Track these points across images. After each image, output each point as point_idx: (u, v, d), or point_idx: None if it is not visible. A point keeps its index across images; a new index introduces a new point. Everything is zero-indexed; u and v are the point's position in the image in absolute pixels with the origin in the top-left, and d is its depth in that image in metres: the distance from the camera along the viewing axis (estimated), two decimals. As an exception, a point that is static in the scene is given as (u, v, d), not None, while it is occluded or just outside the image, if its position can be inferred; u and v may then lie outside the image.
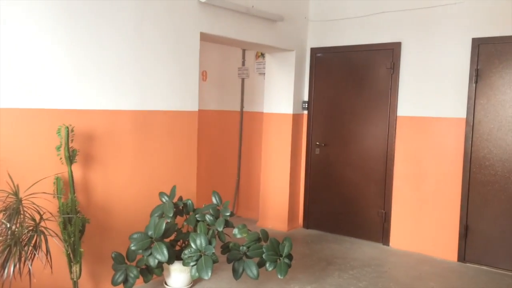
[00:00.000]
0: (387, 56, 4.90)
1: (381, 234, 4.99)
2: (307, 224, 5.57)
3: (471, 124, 4.39)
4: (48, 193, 2.86)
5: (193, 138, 4.15)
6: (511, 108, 4.18)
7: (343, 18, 5.20)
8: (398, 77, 4.83)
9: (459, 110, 4.47)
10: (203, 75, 6.39)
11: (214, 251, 3.17)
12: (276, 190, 5.52)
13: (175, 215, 3.47)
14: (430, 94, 4.64)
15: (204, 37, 4.33)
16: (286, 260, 3.35)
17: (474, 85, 4.36)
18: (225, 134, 6.26)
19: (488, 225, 4.33)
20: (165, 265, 3.37)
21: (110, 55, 3.38)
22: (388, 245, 4.93)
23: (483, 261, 4.36)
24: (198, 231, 3.31)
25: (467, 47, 4.41)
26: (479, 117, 4.36)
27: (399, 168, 4.86)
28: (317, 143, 5.45)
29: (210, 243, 3.22)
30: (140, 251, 3.11)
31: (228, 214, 3.50)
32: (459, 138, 4.46)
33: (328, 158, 5.38)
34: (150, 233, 3.13)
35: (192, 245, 3.18)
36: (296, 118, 5.45)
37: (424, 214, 4.69)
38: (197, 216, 3.48)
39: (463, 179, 4.44)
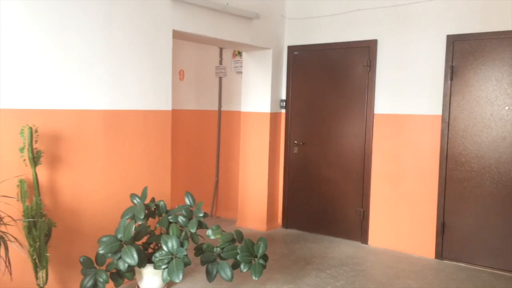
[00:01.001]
0: (363, 53, 4.88)
1: (360, 232, 4.96)
2: (286, 223, 5.52)
3: (447, 121, 4.39)
4: (10, 197, 2.75)
5: (167, 138, 4.06)
6: (486, 104, 4.19)
7: (319, 16, 5.16)
8: (375, 74, 4.81)
9: (435, 107, 4.47)
10: (181, 74, 6.30)
11: (186, 254, 3.09)
12: (254, 190, 5.46)
13: (147, 217, 3.38)
14: (407, 91, 4.63)
15: (177, 35, 4.24)
16: (261, 261, 3.28)
17: (449, 82, 4.37)
18: (203, 133, 6.18)
19: (464, 222, 4.33)
20: (137, 268, 3.28)
21: (76, 53, 3.27)
22: (367, 243, 4.91)
23: (460, 257, 4.37)
24: (171, 233, 3.23)
25: (442, 44, 4.41)
26: (455, 114, 4.36)
27: (376, 166, 4.84)
28: (295, 142, 5.40)
29: (182, 245, 3.14)
30: (109, 255, 3.02)
31: (201, 215, 3.43)
32: (436, 135, 4.46)
33: (306, 157, 5.34)
34: (119, 236, 3.04)
35: (164, 247, 3.10)
36: (274, 117, 5.40)
37: (402, 211, 4.68)
38: (169, 217, 3.40)
39: (439, 176, 4.44)
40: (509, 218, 4.10)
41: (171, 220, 3.39)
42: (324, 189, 5.20)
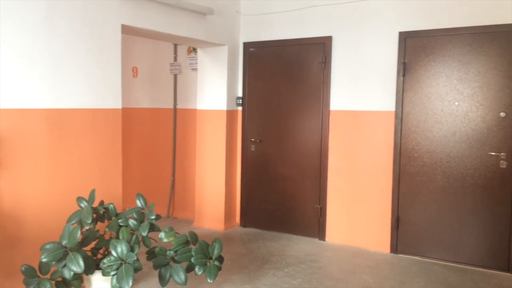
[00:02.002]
0: (318, 50, 4.87)
1: (317, 229, 4.97)
2: (244, 222, 5.46)
3: (400, 117, 4.45)
4: None
5: (117, 137, 3.89)
6: (437, 100, 4.27)
7: (274, 12, 5.11)
8: (330, 71, 4.82)
9: (389, 103, 4.51)
10: (134, 71, 6.10)
11: (137, 258, 2.96)
12: (212, 189, 5.36)
13: (95, 221, 3.22)
14: (361, 88, 4.66)
15: (127, 30, 4.08)
16: (216, 263, 3.20)
17: (402, 78, 4.42)
18: (159, 132, 6.02)
19: (418, 216, 4.41)
20: (85, 275, 3.12)
21: (14, 48, 3.07)
22: (324, 240, 4.92)
23: (414, 251, 4.44)
24: (120, 237, 3.09)
25: (394, 41, 4.46)
26: (407, 110, 4.43)
27: (333, 162, 4.85)
28: (252, 139, 5.34)
29: (132, 250, 3.01)
30: (54, 262, 2.85)
31: (153, 217, 3.30)
32: (389, 131, 4.51)
33: (263, 154, 5.29)
34: (64, 242, 2.87)
35: (113, 252, 2.96)
36: (230, 114, 5.32)
37: (358, 207, 4.71)
38: (119, 221, 3.25)
39: (393, 171, 4.50)
40: (459, 211, 4.21)
41: (121, 224, 3.24)
42: (281, 187, 5.17)
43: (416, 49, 4.36)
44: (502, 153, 4.01)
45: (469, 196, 4.16)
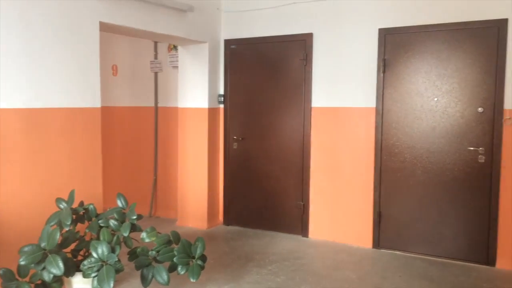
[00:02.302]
0: (300, 47, 4.88)
1: (300, 226, 4.98)
2: (227, 220, 5.44)
3: (381, 113, 4.49)
4: None
5: (97, 136, 3.83)
6: (416, 96, 4.32)
7: (255, 9, 5.10)
8: (311, 68, 4.83)
9: (370, 100, 4.55)
10: (113, 70, 6.02)
11: (117, 259, 2.93)
12: (194, 187, 5.33)
13: (75, 222, 3.17)
14: (342, 85, 4.68)
15: (106, 28, 4.02)
16: (199, 262, 3.18)
17: (382, 75, 4.46)
18: (140, 131, 5.95)
19: (399, 211, 4.46)
20: (65, 278, 3.07)
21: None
22: (307, 236, 4.94)
23: (395, 246, 4.49)
24: (101, 238, 3.04)
25: (374, 37, 4.49)
26: (388, 106, 4.46)
27: (315, 159, 4.87)
28: (235, 137, 5.33)
29: (113, 250, 2.97)
30: (32, 265, 2.79)
31: (135, 217, 3.26)
32: (370, 127, 4.55)
33: (246, 152, 5.28)
34: (43, 244, 2.82)
35: (93, 254, 2.92)
36: (212, 112, 5.29)
37: (340, 203, 4.74)
38: (100, 221, 3.21)
39: (375, 167, 4.54)
40: (439, 206, 4.27)
41: (101, 225, 3.19)
42: (264, 184, 5.17)
43: (396, 46, 4.40)
44: (480, 148, 4.08)
45: (449, 190, 4.23)
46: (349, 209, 4.70)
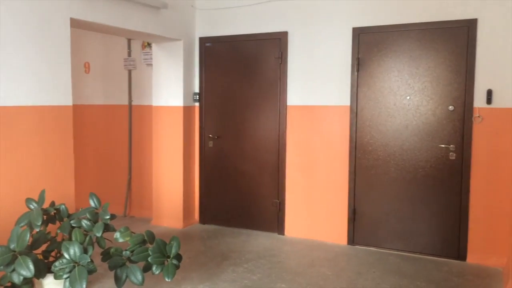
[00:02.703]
0: (275, 45, 4.88)
1: (276, 224, 5.00)
2: (203, 219, 5.41)
3: (355, 111, 4.54)
4: None
5: (68, 135, 3.75)
6: (390, 94, 4.38)
7: (230, 6, 5.08)
8: (287, 66, 4.84)
9: (344, 98, 4.59)
10: (86, 67, 5.90)
11: (90, 260, 2.87)
12: (170, 186, 5.28)
13: (46, 223, 3.10)
14: (317, 83, 4.71)
15: (77, 24, 3.93)
16: (174, 261, 3.15)
17: (356, 73, 4.50)
18: (114, 129, 5.86)
19: (373, 208, 4.52)
20: (36, 279, 2.99)
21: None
22: (283, 234, 4.96)
23: (370, 242, 4.55)
24: (73, 239, 2.98)
25: (348, 36, 4.53)
26: (362, 104, 4.52)
27: (291, 157, 4.89)
28: (210, 135, 5.30)
29: (86, 251, 2.92)
30: (1, 267, 2.71)
31: (108, 217, 3.21)
32: (345, 125, 4.59)
33: (222, 150, 5.26)
34: (12, 246, 2.74)
35: (65, 255, 2.85)
36: (187, 110, 5.24)
37: (316, 201, 4.78)
38: (72, 222, 3.14)
39: (349, 164, 4.58)
40: (412, 202, 4.34)
41: (74, 225, 3.12)
42: (240, 182, 5.16)
43: (369, 45, 4.45)
44: (451, 145, 4.17)
45: (421, 187, 4.31)
46: (325, 206, 4.73)
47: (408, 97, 4.32)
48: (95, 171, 5.92)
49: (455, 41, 4.11)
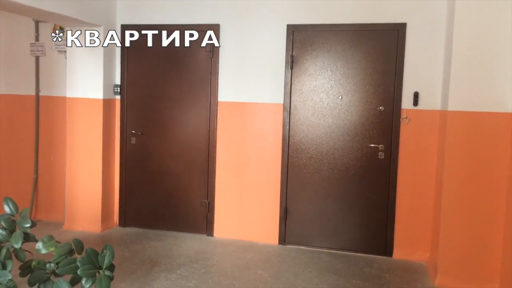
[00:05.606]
0: (205, 38, 4.64)
1: (205, 225, 4.78)
2: (124, 221, 5.00)
3: (288, 109, 4.49)
4: None
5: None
6: (323, 93, 4.41)
7: (157, -7, 4.74)
8: (218, 61, 4.64)
9: (277, 96, 4.52)
10: (-17, 50, 5.14)
11: (11, 277, 2.43)
12: (86, 186, 4.79)
13: None
14: (250, 79, 4.58)
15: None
16: (107, 273, 2.80)
17: (290, 71, 4.46)
18: (16, 122, 5.19)
19: (305, 206, 4.52)
20: None
21: None
22: (213, 235, 4.76)
23: (301, 241, 4.55)
24: (-15, 253, 2.51)
25: (283, 33, 4.46)
26: (295, 103, 4.48)
27: (221, 155, 4.70)
28: (133, 131, 4.91)
29: (4, 266, 2.47)
30: None
31: (28, 225, 2.75)
32: (278, 123, 4.53)
33: (146, 148, 4.90)
34: None
35: (-23, 273, 2.38)
36: (107, 103, 4.80)
37: (247, 200, 4.65)
38: (-18, 232, 2.64)
39: (282, 163, 4.53)
40: (343, 201, 4.42)
41: (-16, 236, 2.64)
42: (166, 182, 4.85)
43: (303, 43, 4.43)
44: (381, 145, 4.31)
45: (352, 185, 4.40)
46: (256, 206, 4.63)
47: (340, 97, 4.37)
48: (-6, 169, 5.19)
49: (386, 44, 4.25)
